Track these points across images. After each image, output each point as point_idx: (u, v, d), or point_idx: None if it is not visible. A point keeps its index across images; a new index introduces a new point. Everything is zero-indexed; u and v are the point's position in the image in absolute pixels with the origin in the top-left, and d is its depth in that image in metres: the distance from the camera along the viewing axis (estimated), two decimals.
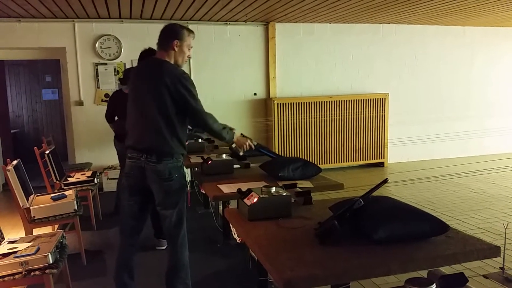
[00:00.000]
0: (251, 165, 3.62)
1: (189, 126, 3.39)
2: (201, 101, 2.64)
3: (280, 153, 6.58)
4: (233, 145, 2.99)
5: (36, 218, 3.32)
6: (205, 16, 5.92)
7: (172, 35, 2.62)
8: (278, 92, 6.75)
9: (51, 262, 2.41)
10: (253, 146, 3.08)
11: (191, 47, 2.71)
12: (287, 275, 1.50)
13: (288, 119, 6.63)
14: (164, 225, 2.68)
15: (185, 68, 2.77)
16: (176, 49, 2.62)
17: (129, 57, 6.02)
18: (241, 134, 3.10)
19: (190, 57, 2.73)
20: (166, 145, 2.56)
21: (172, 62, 2.64)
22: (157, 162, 2.55)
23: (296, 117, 6.66)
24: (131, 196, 2.69)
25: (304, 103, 6.68)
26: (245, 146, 2.99)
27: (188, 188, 3.24)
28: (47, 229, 3.73)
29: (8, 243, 2.66)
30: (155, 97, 2.53)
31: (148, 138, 2.57)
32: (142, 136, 2.59)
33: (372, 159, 7.14)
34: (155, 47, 3.82)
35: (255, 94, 6.70)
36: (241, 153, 3.16)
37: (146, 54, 3.77)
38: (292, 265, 1.58)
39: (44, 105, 8.42)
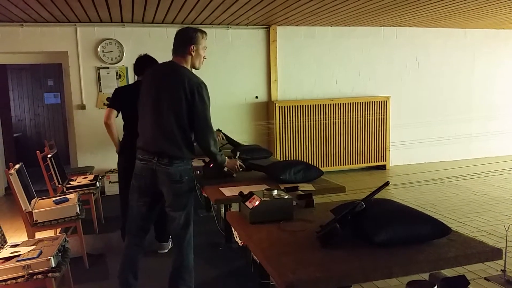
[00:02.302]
0: None
1: None
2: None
3: (282, 156, 6.59)
4: (225, 169, 3.09)
5: (38, 221, 3.32)
6: (207, 20, 5.93)
7: (188, 41, 2.63)
8: (279, 95, 6.76)
9: (53, 265, 2.42)
10: (243, 165, 3.17)
11: (206, 47, 2.73)
12: (289, 278, 1.50)
13: (290, 122, 6.63)
14: (172, 227, 2.70)
15: None
16: (193, 53, 2.64)
17: (131, 61, 6.00)
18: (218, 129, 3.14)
19: (205, 58, 2.74)
20: (178, 150, 2.59)
21: (189, 66, 2.68)
22: (168, 165, 2.58)
23: (298, 120, 6.67)
24: (141, 197, 2.71)
25: (305, 106, 6.68)
26: (236, 167, 3.09)
27: None
28: (49, 233, 3.74)
29: (10, 247, 2.67)
30: (174, 103, 2.55)
31: (162, 142, 2.59)
32: (155, 140, 2.60)
33: (374, 162, 7.14)
34: (155, 50, 3.87)
35: (256, 97, 6.71)
36: (234, 175, 3.24)
37: (143, 61, 3.79)
38: (294, 268, 1.58)
39: (46, 109, 8.45)
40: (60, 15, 5.34)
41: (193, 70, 2.72)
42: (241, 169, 3.15)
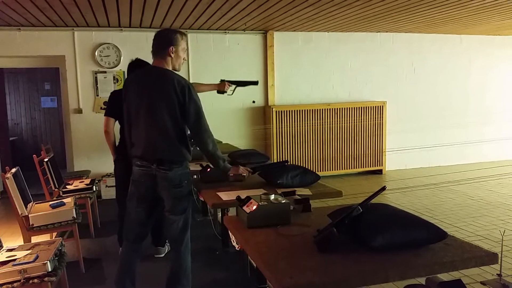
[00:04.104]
0: None
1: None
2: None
3: (279, 161, 6.58)
4: (231, 174, 2.99)
5: (34, 225, 3.31)
6: (205, 25, 5.95)
7: (166, 43, 2.61)
8: (276, 100, 6.78)
9: (49, 270, 2.41)
10: (250, 170, 3.07)
11: (186, 49, 2.71)
12: (286, 283, 1.51)
13: (287, 127, 6.65)
14: (170, 230, 2.70)
15: (184, 76, 2.78)
16: (172, 55, 2.62)
17: None
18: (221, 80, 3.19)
19: (185, 59, 2.73)
20: (177, 154, 2.60)
21: (170, 68, 2.65)
22: (168, 170, 2.58)
23: (295, 124, 6.68)
24: (140, 204, 2.70)
25: (302, 110, 6.70)
26: (242, 171, 2.98)
27: None
28: (45, 237, 3.73)
29: (6, 251, 2.65)
30: (168, 107, 2.54)
31: (161, 148, 2.58)
32: (154, 147, 2.59)
33: (370, 167, 7.15)
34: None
35: (253, 101, 6.72)
36: (244, 175, 3.18)
37: (135, 65, 3.78)
38: (291, 272, 1.58)
39: (43, 113, 8.43)
40: (58, 20, 5.35)
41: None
42: (246, 174, 3.04)
